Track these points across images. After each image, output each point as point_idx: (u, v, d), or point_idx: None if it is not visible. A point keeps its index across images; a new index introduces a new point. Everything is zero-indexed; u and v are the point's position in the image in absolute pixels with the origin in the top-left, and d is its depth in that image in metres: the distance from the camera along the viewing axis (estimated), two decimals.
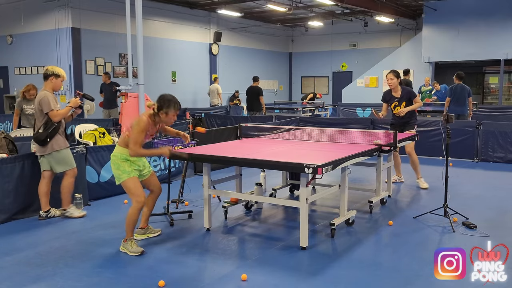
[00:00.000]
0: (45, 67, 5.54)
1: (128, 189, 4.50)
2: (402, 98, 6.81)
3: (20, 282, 3.84)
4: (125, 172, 4.47)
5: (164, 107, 4.38)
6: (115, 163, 4.51)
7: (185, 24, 18.48)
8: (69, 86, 15.03)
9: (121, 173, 4.47)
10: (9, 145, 6.65)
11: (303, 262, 4.30)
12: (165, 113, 4.39)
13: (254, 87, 13.07)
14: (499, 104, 17.60)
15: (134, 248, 4.43)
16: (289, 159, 4.56)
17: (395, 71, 6.88)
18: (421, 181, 7.10)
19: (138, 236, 4.84)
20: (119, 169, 4.48)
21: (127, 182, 4.47)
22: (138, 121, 4.38)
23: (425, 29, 18.13)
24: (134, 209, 4.44)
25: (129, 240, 4.47)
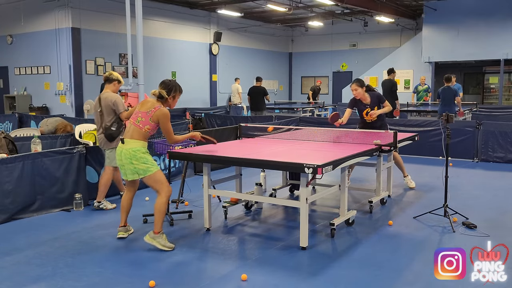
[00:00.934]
0: (109, 72, 6.25)
1: (157, 180, 4.56)
2: (374, 104, 6.68)
3: (20, 282, 3.84)
4: (153, 165, 4.59)
5: (172, 91, 4.66)
6: (139, 157, 4.53)
7: (185, 24, 18.48)
8: (69, 86, 15.03)
9: (150, 166, 4.55)
10: (9, 145, 6.66)
11: (303, 262, 4.30)
12: (173, 97, 4.68)
13: (259, 87, 13.14)
14: (499, 104, 17.60)
15: (167, 243, 4.54)
16: (289, 159, 4.56)
17: (358, 80, 6.71)
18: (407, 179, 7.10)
19: (124, 234, 4.88)
20: (147, 163, 4.55)
21: (157, 174, 4.57)
22: (164, 113, 4.56)
23: (425, 29, 18.14)
24: (165, 199, 4.57)
25: (161, 233, 4.55)
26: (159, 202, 4.56)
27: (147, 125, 4.57)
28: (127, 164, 4.58)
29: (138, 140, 4.57)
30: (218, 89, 20.29)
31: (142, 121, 4.57)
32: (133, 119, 4.66)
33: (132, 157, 4.54)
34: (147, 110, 4.59)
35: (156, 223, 4.55)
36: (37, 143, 6.99)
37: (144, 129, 4.57)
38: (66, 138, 8.50)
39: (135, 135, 4.58)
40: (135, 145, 4.55)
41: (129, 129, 4.66)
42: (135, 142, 4.56)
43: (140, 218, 5.45)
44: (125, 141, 4.61)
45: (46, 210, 5.81)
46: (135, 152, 4.53)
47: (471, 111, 13.82)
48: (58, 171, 5.93)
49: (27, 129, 9.30)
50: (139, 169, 4.55)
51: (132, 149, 4.53)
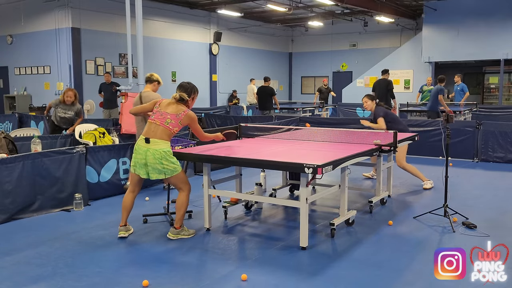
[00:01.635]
0: (150, 73, 6.74)
1: (181, 179, 4.82)
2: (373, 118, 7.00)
3: (20, 282, 3.84)
4: (179, 165, 4.80)
5: (192, 93, 4.92)
6: (169, 158, 4.69)
7: (185, 24, 18.48)
8: (69, 86, 15.01)
9: (177, 166, 4.75)
10: (9, 145, 6.66)
11: (303, 262, 4.30)
12: (192, 98, 4.95)
13: (266, 87, 13.20)
14: (499, 104, 17.60)
15: (190, 231, 4.93)
16: (289, 159, 4.56)
17: (369, 95, 7.02)
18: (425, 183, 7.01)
19: (125, 234, 4.90)
20: (175, 163, 4.73)
21: (182, 173, 4.84)
22: (193, 117, 4.86)
23: (425, 29, 18.13)
24: (188, 197, 4.85)
25: (183, 226, 4.88)
26: (182, 200, 4.83)
27: (176, 127, 4.76)
28: (154, 163, 4.66)
29: (166, 141, 4.73)
30: (218, 89, 20.29)
31: (172, 123, 4.72)
32: (159, 120, 4.73)
33: (162, 158, 4.65)
34: (176, 113, 4.75)
35: (179, 219, 4.84)
36: (37, 143, 7.00)
37: (173, 131, 4.74)
38: (66, 138, 8.50)
39: (164, 136, 4.71)
40: (165, 146, 4.69)
41: (154, 129, 4.71)
42: (164, 143, 4.71)
43: (140, 218, 5.45)
44: (151, 141, 4.67)
45: (46, 210, 5.81)
46: (166, 153, 4.67)
47: (471, 111, 13.83)
48: (58, 171, 5.93)
49: (27, 129, 9.30)
50: (167, 169, 4.69)
51: (162, 149, 4.66)
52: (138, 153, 4.74)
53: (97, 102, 14.01)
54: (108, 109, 13.13)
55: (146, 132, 4.74)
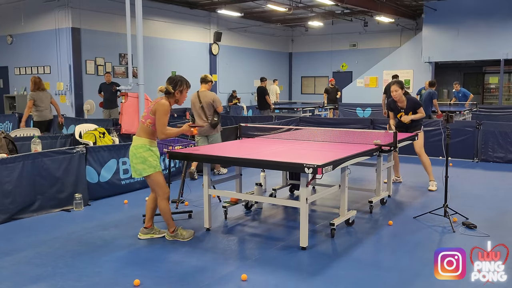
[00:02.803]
0: (204, 74, 7.65)
1: (154, 182, 4.61)
2: (408, 109, 6.79)
3: (20, 282, 3.84)
4: (151, 166, 4.56)
5: (178, 85, 4.62)
6: (139, 156, 4.52)
7: (185, 24, 18.48)
8: (69, 86, 15.02)
9: (146, 167, 4.54)
10: (9, 145, 6.66)
11: (303, 262, 4.30)
12: (180, 91, 4.64)
13: (260, 87, 13.39)
14: (499, 104, 17.60)
15: (185, 234, 4.75)
16: (289, 159, 4.56)
17: (399, 82, 6.84)
18: (431, 183, 6.98)
19: (142, 236, 4.85)
20: (144, 163, 4.53)
21: (154, 175, 4.59)
22: (161, 105, 4.49)
23: (425, 29, 18.13)
24: (163, 203, 4.66)
25: (177, 229, 4.75)
26: (160, 205, 4.68)
27: (148, 119, 4.54)
28: (131, 162, 4.64)
29: (142, 137, 4.57)
30: (218, 89, 20.27)
31: (145, 116, 4.58)
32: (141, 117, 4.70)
33: (133, 156, 4.57)
34: (150, 105, 4.63)
35: (168, 223, 4.75)
36: (37, 143, 7.00)
37: (146, 123, 4.54)
38: (66, 138, 8.50)
39: (140, 131, 4.60)
40: (138, 142, 4.57)
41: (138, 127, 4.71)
42: (139, 139, 4.58)
43: (140, 218, 5.45)
44: (132, 139, 4.65)
45: (46, 210, 5.81)
46: (136, 150, 4.55)
47: (471, 111, 13.83)
48: (58, 171, 5.93)
49: (27, 129, 9.29)
50: (137, 169, 4.58)
51: (134, 146, 4.56)
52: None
53: (97, 102, 14.01)
54: (108, 109, 13.14)
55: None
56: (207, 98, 7.30)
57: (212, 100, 7.34)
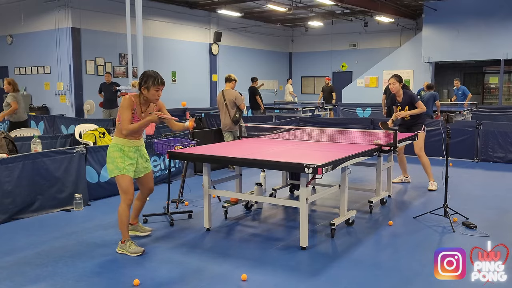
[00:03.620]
0: (228, 74, 8.28)
1: (118, 185, 4.41)
2: (404, 103, 6.75)
3: (20, 282, 3.84)
4: (117, 168, 4.36)
5: (143, 82, 4.35)
6: (110, 155, 4.40)
7: (185, 24, 18.48)
8: (69, 86, 15.03)
9: (114, 168, 4.37)
10: (9, 145, 6.66)
11: (303, 262, 4.30)
12: (146, 88, 4.33)
13: (251, 87, 13.42)
14: (499, 104, 17.60)
15: (133, 249, 4.38)
16: (289, 159, 4.56)
17: (397, 76, 6.78)
18: (431, 183, 6.97)
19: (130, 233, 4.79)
20: (112, 163, 4.37)
21: (118, 178, 4.38)
22: (122, 99, 4.35)
23: (425, 29, 18.13)
24: (122, 208, 4.37)
25: (127, 241, 4.41)
26: (118, 211, 4.42)
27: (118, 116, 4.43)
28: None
29: (117, 137, 4.44)
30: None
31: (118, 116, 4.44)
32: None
33: (107, 154, 4.45)
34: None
35: (121, 232, 4.45)
36: (37, 143, 7.00)
37: (118, 121, 4.43)
38: (66, 138, 8.50)
39: (115, 131, 4.47)
40: (112, 141, 4.47)
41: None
42: (114, 138, 4.47)
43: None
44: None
45: (46, 210, 5.81)
46: (109, 149, 4.43)
47: (471, 111, 13.83)
48: (58, 171, 5.93)
49: (27, 129, 9.29)
50: (107, 169, 4.46)
51: (109, 145, 4.47)
52: None
53: (97, 102, 14.01)
54: (108, 109, 13.14)
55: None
56: (230, 96, 7.94)
57: (234, 98, 7.96)
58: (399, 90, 6.75)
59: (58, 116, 12.51)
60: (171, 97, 17.23)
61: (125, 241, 4.41)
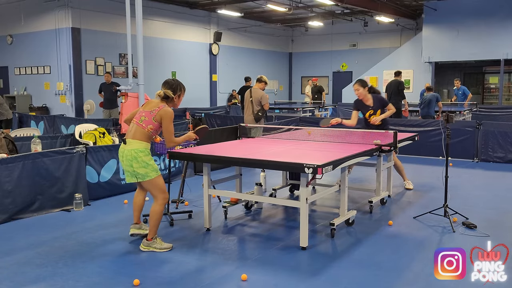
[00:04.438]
0: (260, 75, 8.80)
1: (156, 186, 4.48)
2: (377, 107, 6.63)
3: (20, 282, 3.84)
4: (154, 170, 4.47)
5: (177, 90, 4.62)
6: (141, 160, 4.39)
7: (185, 24, 18.48)
8: (69, 86, 15.03)
9: (149, 171, 4.43)
10: (9, 145, 6.66)
11: (303, 262, 4.30)
12: (178, 96, 4.64)
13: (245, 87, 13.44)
14: (499, 104, 17.60)
15: (164, 245, 4.53)
16: (289, 159, 4.56)
17: (360, 81, 6.67)
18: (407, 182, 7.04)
19: (135, 231, 4.83)
20: (146, 167, 4.42)
21: (157, 179, 4.48)
22: (167, 112, 4.43)
23: (425, 29, 18.13)
24: (161, 207, 4.52)
25: (155, 238, 4.54)
26: (154, 209, 4.50)
27: (150, 125, 4.43)
28: (126, 166, 4.47)
29: (140, 141, 4.43)
30: (218, 89, 20.29)
31: (146, 121, 4.44)
32: (136, 119, 4.53)
33: (133, 159, 4.40)
34: (150, 109, 4.47)
35: (150, 230, 4.53)
36: (37, 143, 7.00)
37: (147, 128, 4.43)
38: (66, 138, 8.50)
39: (138, 135, 4.44)
40: (137, 146, 4.42)
41: (131, 129, 4.53)
42: (138, 142, 4.43)
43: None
44: (127, 141, 4.46)
45: (46, 210, 5.81)
46: (137, 154, 4.39)
47: (471, 111, 13.84)
48: (58, 171, 5.93)
49: (27, 129, 9.30)
50: (138, 173, 4.43)
51: (134, 150, 4.40)
52: (119, 155, 4.60)
53: (97, 102, 14.02)
54: (108, 109, 13.14)
55: (126, 134, 4.58)
56: (257, 95, 8.49)
57: (260, 97, 8.50)
58: (365, 95, 6.59)
59: (58, 116, 12.51)
60: None
61: (153, 239, 4.53)
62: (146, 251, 4.49)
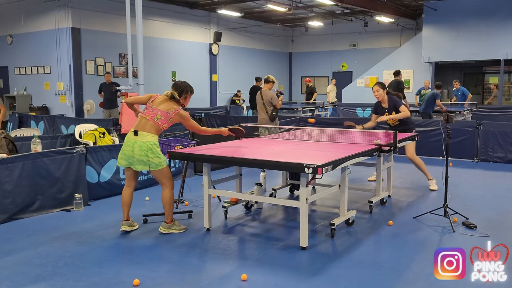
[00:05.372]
0: (267, 75, 8.75)
1: (165, 175, 4.90)
2: (391, 109, 6.74)
3: (20, 282, 3.84)
4: (164, 160, 4.88)
5: (184, 92, 5.00)
6: (153, 150, 4.78)
7: (185, 24, 18.48)
8: (69, 86, 15.04)
9: (162, 160, 4.84)
10: (9, 145, 6.66)
11: (303, 262, 4.30)
12: (185, 97, 5.01)
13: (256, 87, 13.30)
14: (499, 104, 17.60)
15: (181, 226, 5.06)
16: (289, 159, 4.56)
17: (380, 83, 6.84)
18: (431, 183, 6.96)
19: (127, 228, 5.00)
20: (159, 157, 4.82)
21: (166, 168, 4.91)
22: (185, 116, 4.96)
23: (425, 29, 18.13)
24: (171, 192, 4.95)
25: (174, 220, 5.03)
26: (166, 196, 4.93)
27: (165, 124, 4.86)
28: (140, 155, 4.77)
29: (154, 135, 4.84)
30: (218, 89, 20.29)
31: (161, 119, 4.83)
32: (150, 115, 4.85)
33: (148, 150, 4.76)
34: (166, 110, 4.84)
35: (168, 214, 4.99)
36: (37, 143, 7.00)
37: (162, 127, 4.86)
38: (66, 138, 8.50)
39: (153, 130, 4.83)
40: (152, 139, 4.80)
41: (144, 123, 4.85)
42: (152, 136, 4.82)
43: (140, 218, 5.45)
44: (139, 134, 4.81)
45: (46, 210, 5.81)
46: (152, 146, 4.77)
47: (471, 111, 13.84)
48: (58, 171, 5.93)
49: (27, 129, 9.31)
50: (152, 162, 4.79)
51: (149, 142, 4.78)
52: (126, 145, 4.87)
53: (97, 102, 14.02)
54: (108, 109, 13.14)
55: (136, 125, 4.90)
56: (267, 96, 8.65)
57: (271, 98, 8.64)
58: (384, 96, 6.76)
59: (58, 116, 12.51)
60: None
61: (172, 222, 5.00)
62: (165, 233, 4.96)
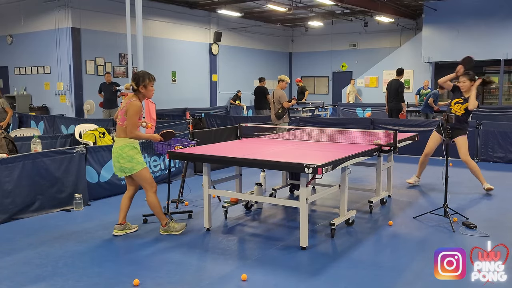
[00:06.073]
0: (281, 76, 9.18)
1: (143, 178, 4.77)
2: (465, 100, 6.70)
3: (20, 282, 3.84)
4: (139, 163, 4.74)
5: (141, 81, 4.70)
6: (125, 156, 4.68)
7: (185, 24, 18.48)
8: (69, 86, 15.03)
9: (135, 164, 4.72)
10: (9, 145, 6.67)
11: (303, 262, 4.30)
12: (144, 86, 4.71)
13: (261, 87, 13.34)
14: (499, 104, 17.59)
15: (178, 226, 4.92)
16: (289, 159, 4.56)
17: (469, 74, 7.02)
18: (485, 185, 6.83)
19: (118, 232, 4.95)
20: (131, 161, 4.70)
21: (143, 171, 4.76)
22: (132, 105, 4.62)
23: (425, 29, 18.13)
24: (153, 197, 4.81)
25: (168, 223, 4.91)
26: (149, 200, 4.84)
27: (125, 121, 4.68)
28: (114, 162, 4.79)
29: (123, 138, 4.72)
30: (218, 89, 20.29)
31: (121, 118, 4.72)
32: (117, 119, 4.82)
33: (118, 156, 4.71)
34: (122, 107, 4.75)
35: (159, 217, 4.91)
36: (37, 143, 7.00)
37: (124, 125, 4.69)
38: (66, 138, 8.51)
39: (120, 133, 4.75)
40: (121, 143, 4.72)
41: (118, 128, 4.83)
42: (121, 140, 4.73)
43: (140, 218, 5.46)
44: (115, 140, 4.79)
45: (46, 210, 5.81)
46: (121, 151, 4.70)
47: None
48: (58, 171, 5.93)
49: (27, 129, 9.30)
50: (125, 168, 4.73)
51: (118, 147, 4.71)
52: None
53: (97, 102, 14.02)
54: (108, 109, 13.14)
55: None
56: (277, 95, 9.06)
57: (279, 97, 9.02)
58: (469, 88, 6.83)
59: (58, 116, 12.51)
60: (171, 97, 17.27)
61: (166, 224, 4.89)
62: (165, 234, 4.92)
